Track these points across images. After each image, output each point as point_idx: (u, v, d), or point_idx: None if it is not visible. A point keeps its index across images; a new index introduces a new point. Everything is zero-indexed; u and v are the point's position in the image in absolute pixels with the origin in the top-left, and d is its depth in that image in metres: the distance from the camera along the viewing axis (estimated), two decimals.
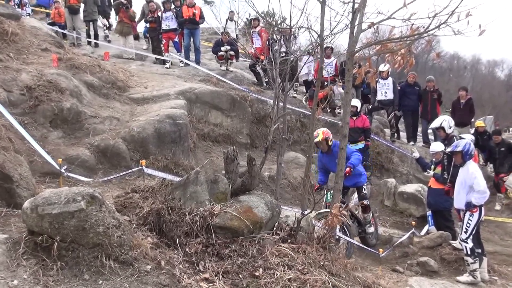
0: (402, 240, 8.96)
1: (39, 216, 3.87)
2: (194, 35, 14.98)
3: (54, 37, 12.38)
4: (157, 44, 15.75)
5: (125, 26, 15.99)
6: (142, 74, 13.30)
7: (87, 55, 12.77)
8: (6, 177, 5.23)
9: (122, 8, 15.78)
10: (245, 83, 14.08)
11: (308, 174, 6.42)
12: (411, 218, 10.65)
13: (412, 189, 11.41)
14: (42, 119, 8.59)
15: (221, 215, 4.90)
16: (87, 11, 16.34)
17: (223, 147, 11.17)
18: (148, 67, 14.70)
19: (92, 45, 16.61)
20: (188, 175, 5.33)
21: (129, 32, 16.09)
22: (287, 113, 7.38)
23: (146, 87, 11.87)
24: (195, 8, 14.69)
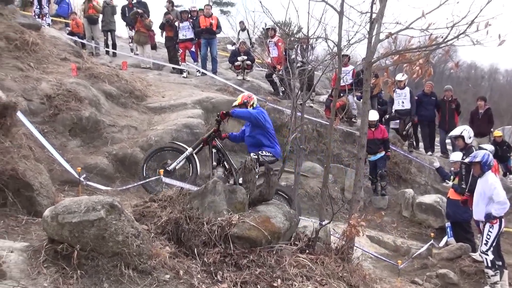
0: (421, 251, 8.87)
1: (59, 224, 3.90)
2: (211, 45, 15.09)
3: (73, 47, 12.55)
4: (174, 54, 15.88)
5: (142, 36, 16.15)
6: (159, 83, 13.41)
7: (105, 65, 12.91)
8: (27, 186, 5.28)
9: (138, 18, 15.94)
10: (261, 92, 14.11)
11: (326, 184, 6.40)
12: (429, 230, 10.53)
13: (430, 200, 11.30)
14: (61, 127, 8.70)
15: (239, 225, 4.90)
16: (105, 21, 16.63)
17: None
18: (165, 77, 14.82)
19: (110, 54, 16.83)
20: (206, 185, 5.34)
21: (146, 41, 16.24)
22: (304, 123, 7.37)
23: (163, 96, 11.96)
24: (212, 18, 14.87)
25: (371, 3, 5.93)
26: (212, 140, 7.70)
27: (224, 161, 7.70)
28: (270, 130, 7.60)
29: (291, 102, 7.24)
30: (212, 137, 7.70)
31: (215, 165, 7.63)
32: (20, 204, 5.21)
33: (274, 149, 7.54)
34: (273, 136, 7.65)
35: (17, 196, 5.20)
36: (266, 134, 7.55)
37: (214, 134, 7.71)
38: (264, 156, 7.40)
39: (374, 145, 11.47)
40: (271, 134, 7.62)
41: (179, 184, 6.71)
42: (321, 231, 5.52)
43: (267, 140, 7.54)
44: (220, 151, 7.73)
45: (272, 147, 7.55)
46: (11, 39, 9.79)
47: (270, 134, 7.60)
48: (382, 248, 9.75)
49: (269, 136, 7.58)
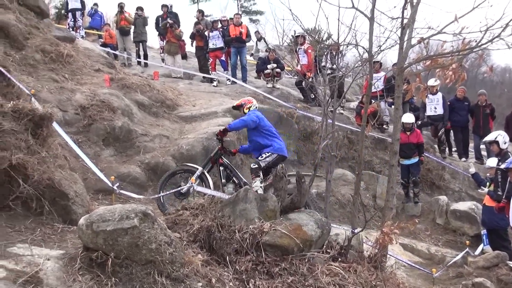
0: (456, 260, 8.67)
1: (94, 232, 3.97)
2: (241, 53, 15.15)
3: (106, 58, 12.81)
4: (204, 63, 16.01)
5: (173, 46, 16.33)
6: (190, 92, 13.53)
7: (137, 75, 13.12)
8: (62, 194, 5.39)
9: (169, 28, 16.15)
10: (291, 100, 14.07)
11: (358, 191, 6.33)
12: (464, 237, 10.29)
13: (465, 207, 11.04)
14: (95, 137, 8.87)
15: (270, 232, 4.90)
16: (137, 32, 16.88)
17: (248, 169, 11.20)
18: (195, 86, 14.95)
19: (142, 65, 17.08)
20: (238, 193, 5.36)
21: (176, 51, 16.41)
22: (335, 130, 7.31)
23: (194, 105, 12.07)
24: (241, 26, 14.93)
25: (402, 9, 5.87)
26: (218, 158, 7.74)
27: (233, 176, 7.71)
28: (264, 128, 7.55)
29: (322, 109, 7.19)
30: (218, 155, 7.74)
31: (224, 182, 7.65)
32: (56, 212, 5.32)
33: (272, 146, 7.47)
34: (270, 133, 7.59)
35: (53, 205, 5.31)
36: (261, 134, 7.51)
37: (220, 152, 7.74)
38: (263, 161, 7.37)
39: (408, 150, 11.24)
40: (268, 132, 7.57)
41: (210, 192, 6.74)
42: (353, 239, 5.46)
43: (264, 139, 7.50)
44: (228, 167, 7.75)
45: (270, 145, 7.49)
46: (46, 52, 10.06)
47: (266, 132, 7.54)
48: (416, 256, 9.57)
49: (266, 134, 7.53)
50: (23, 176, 5.04)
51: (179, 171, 7.89)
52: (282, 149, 7.59)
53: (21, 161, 4.99)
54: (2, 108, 5.35)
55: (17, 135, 5.22)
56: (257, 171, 7.29)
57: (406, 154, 11.22)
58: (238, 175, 7.74)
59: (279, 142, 7.60)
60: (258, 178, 7.26)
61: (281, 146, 7.58)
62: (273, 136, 7.60)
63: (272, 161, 7.41)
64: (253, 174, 7.33)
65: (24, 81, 8.42)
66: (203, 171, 7.57)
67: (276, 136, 7.66)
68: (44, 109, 5.79)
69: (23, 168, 5.02)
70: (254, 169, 7.31)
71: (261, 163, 7.35)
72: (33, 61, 9.68)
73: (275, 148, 7.47)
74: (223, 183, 7.62)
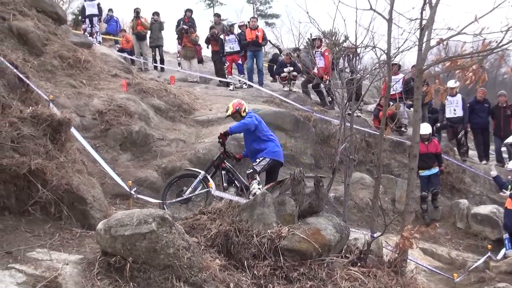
0: (478, 264, 8.55)
1: (112, 237, 3.98)
2: (257, 57, 15.18)
3: (123, 63, 12.93)
4: (220, 67, 16.06)
5: (189, 50, 16.45)
6: (206, 96, 13.57)
7: (154, 80, 13.20)
8: (80, 199, 5.43)
9: (184, 33, 16.25)
10: (308, 103, 14.04)
11: (377, 195, 6.27)
12: (486, 241, 10.13)
13: (486, 210, 10.88)
14: (112, 142, 8.94)
15: (289, 237, 4.87)
16: (153, 37, 17.03)
17: (287, 168, 11.10)
18: (212, 90, 15.00)
19: (158, 69, 17.19)
20: (255, 197, 5.35)
21: (192, 55, 16.51)
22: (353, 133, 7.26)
23: (210, 109, 12.10)
24: (257, 30, 14.99)
25: (421, 9, 5.81)
26: (221, 162, 7.73)
27: (235, 180, 7.70)
28: (261, 132, 7.52)
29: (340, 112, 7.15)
30: (221, 159, 7.73)
31: (226, 186, 7.63)
32: (74, 217, 5.35)
33: (266, 150, 7.44)
34: (266, 137, 7.55)
35: (72, 210, 5.34)
36: (257, 138, 7.50)
37: (223, 156, 7.73)
38: (258, 165, 7.36)
39: (427, 159, 11.02)
40: (264, 136, 7.54)
41: (228, 197, 6.74)
42: (373, 244, 5.40)
43: (259, 144, 7.48)
44: (230, 171, 7.73)
45: (264, 149, 7.46)
46: (64, 58, 10.19)
47: (262, 136, 7.52)
48: (436, 261, 9.45)
49: (261, 139, 7.51)
50: (42, 181, 5.08)
51: (182, 176, 7.90)
52: (277, 153, 7.55)
53: (40, 166, 5.03)
54: (21, 113, 5.41)
55: (36, 140, 5.27)
56: (252, 175, 7.30)
57: (426, 164, 11.01)
58: (240, 178, 7.72)
59: (274, 146, 7.55)
60: (254, 181, 7.27)
61: (275, 150, 7.54)
62: (268, 140, 7.57)
63: (267, 165, 7.41)
64: (249, 178, 7.34)
65: (43, 87, 8.52)
66: (205, 175, 7.57)
67: (272, 140, 7.62)
68: (62, 115, 5.84)
69: (42, 173, 5.06)
70: (249, 174, 7.33)
71: (256, 167, 7.35)
72: (51, 67, 9.82)
73: (268, 152, 7.44)
74: (225, 186, 7.61)
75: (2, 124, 5.08)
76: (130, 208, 7.07)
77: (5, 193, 4.87)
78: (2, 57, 6.47)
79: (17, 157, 4.96)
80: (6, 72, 6.23)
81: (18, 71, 6.46)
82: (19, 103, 5.80)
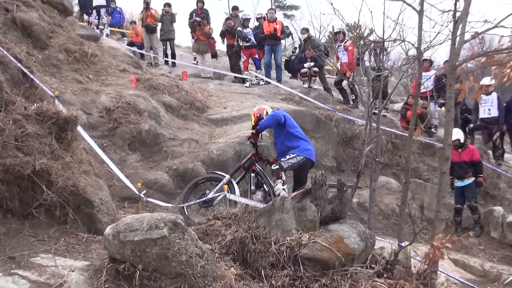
0: None
1: (121, 243, 3.99)
2: (275, 52, 15.13)
3: (132, 58, 13.02)
4: (235, 62, 16.07)
5: (202, 44, 16.47)
6: (220, 93, 13.61)
7: (164, 75, 13.27)
8: (87, 202, 5.46)
9: (197, 26, 16.27)
10: (330, 101, 14.01)
11: (406, 201, 6.22)
12: None
13: None
14: (120, 141, 8.98)
15: (309, 245, 4.85)
16: (164, 30, 17.06)
17: None
18: (226, 86, 15.02)
19: (170, 64, 17.26)
20: (274, 201, 5.34)
21: (206, 50, 16.54)
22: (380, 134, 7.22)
23: (225, 107, 12.12)
24: (276, 22, 14.90)
25: (455, 0, 5.75)
26: (252, 164, 7.74)
27: (264, 184, 7.64)
28: (291, 129, 7.44)
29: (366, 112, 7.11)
30: (252, 161, 7.74)
31: (254, 189, 7.61)
32: (81, 221, 5.39)
33: (299, 148, 7.32)
34: (296, 134, 7.46)
35: (78, 213, 5.39)
36: (289, 135, 7.40)
37: (254, 158, 7.73)
38: (286, 162, 7.24)
39: (460, 169, 10.61)
40: (294, 133, 7.44)
41: (244, 201, 6.73)
42: (400, 253, 5.35)
43: (291, 141, 7.38)
44: (259, 174, 7.71)
45: (296, 147, 7.34)
46: (70, 51, 10.28)
47: (292, 134, 7.43)
48: (468, 273, 9.35)
49: (292, 136, 7.41)
50: (47, 182, 5.12)
51: (206, 179, 7.93)
52: (310, 152, 7.45)
53: (44, 166, 5.08)
54: (25, 110, 5.47)
55: (41, 139, 5.32)
56: (278, 173, 7.21)
57: (458, 174, 10.67)
58: (269, 182, 7.66)
59: (307, 145, 7.48)
60: (279, 180, 7.19)
61: (309, 149, 7.45)
62: (301, 138, 7.49)
63: (297, 163, 7.28)
64: (274, 176, 7.26)
65: (47, 82, 8.61)
66: (230, 180, 7.57)
67: (304, 139, 7.55)
68: (68, 112, 5.88)
69: (46, 174, 5.11)
70: (275, 170, 7.23)
71: (283, 164, 7.24)
72: (57, 61, 9.91)
73: (301, 149, 7.33)
74: (253, 190, 7.59)
75: (6, 121, 5.13)
76: (139, 212, 7.10)
77: (8, 195, 4.91)
78: (5, 51, 6.55)
79: (21, 156, 5.01)
80: (9, 66, 6.31)
81: (22, 65, 6.54)
82: (23, 99, 5.87)
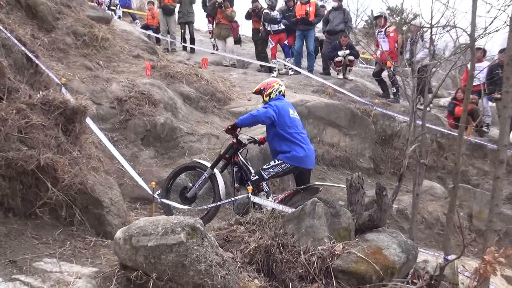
0: None
1: (133, 248, 4.02)
2: (307, 38, 15.04)
3: (146, 42, 13.09)
4: (262, 49, 16.02)
5: (223, 28, 16.43)
6: (244, 84, 13.61)
7: (182, 62, 13.31)
8: (96, 202, 5.50)
9: (218, 8, 16.22)
10: (367, 94, 13.93)
11: (454, 208, 6.14)
12: None
13: None
14: (133, 135, 9.04)
15: (343, 256, 4.83)
16: (182, 12, 17.09)
17: (340, 172, 11.09)
18: (251, 76, 15.02)
19: (188, 50, 17.31)
20: (304, 206, 5.32)
21: (227, 34, 16.51)
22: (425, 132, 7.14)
23: (249, 99, 12.13)
24: (309, 5, 14.70)
25: None
26: (233, 155, 7.40)
27: (248, 180, 7.17)
28: (282, 129, 6.93)
29: (410, 107, 7.02)
30: (234, 150, 7.39)
31: (237, 186, 7.25)
32: (88, 223, 5.44)
33: (288, 153, 6.87)
34: (288, 138, 6.92)
35: (85, 214, 5.43)
36: (276, 136, 6.98)
37: (236, 147, 7.37)
38: (268, 171, 6.93)
39: None
40: (286, 135, 6.92)
41: (269, 204, 6.69)
42: (446, 268, 5.29)
43: (279, 144, 6.96)
44: (243, 168, 7.29)
45: (285, 151, 6.89)
46: (79, 35, 10.38)
47: (283, 136, 6.93)
48: None
49: (283, 139, 6.93)
50: (52, 179, 5.17)
51: (187, 168, 7.80)
52: (302, 160, 6.93)
53: (50, 161, 5.12)
54: (30, 99, 5.52)
55: (47, 131, 5.37)
56: (258, 185, 6.92)
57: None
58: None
59: (300, 151, 6.92)
60: (262, 193, 6.95)
61: (300, 156, 6.89)
62: (294, 142, 6.94)
63: (282, 172, 6.96)
64: (255, 188, 6.86)
65: (54, 68, 8.70)
66: (212, 173, 7.29)
67: (299, 143, 6.96)
68: (77, 101, 5.93)
69: (52, 170, 5.15)
70: (254, 182, 6.93)
71: (264, 173, 6.92)
72: (64, 45, 10.02)
73: (290, 157, 6.88)
74: (236, 187, 7.23)
75: (8, 110, 5.18)
76: (152, 214, 7.14)
77: (10, 192, 4.96)
78: (8, 33, 6.62)
79: (25, 150, 5.05)
80: (12, 50, 6.38)
81: (26, 49, 6.62)
82: (27, 86, 5.93)
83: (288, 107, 7.22)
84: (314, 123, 11.45)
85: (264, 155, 9.27)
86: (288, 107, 7.22)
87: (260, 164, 8.07)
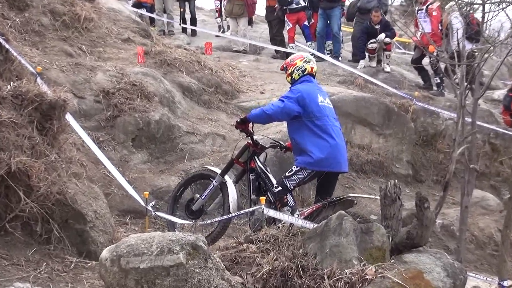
0: None
1: (122, 271, 4.02)
2: (331, 18, 14.95)
3: (138, 23, 13.13)
4: (277, 31, 15.97)
5: (236, 5, 16.18)
6: (256, 73, 13.62)
7: (181, 47, 13.30)
8: (77, 215, 5.51)
9: None
10: (405, 86, 13.88)
11: (510, 225, 6.11)
12: None
13: None
14: (122, 135, 9.04)
15: (376, 281, 4.81)
16: None
17: (372, 180, 11.05)
18: (264, 64, 15.00)
19: (188, 33, 17.32)
20: (328, 221, 5.29)
21: (241, 13, 16.33)
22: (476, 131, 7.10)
23: (262, 91, 12.13)
24: None
25: None
26: (250, 160, 7.24)
27: (268, 191, 7.03)
28: (312, 119, 6.68)
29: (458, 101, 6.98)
30: (249, 154, 7.26)
31: (254, 198, 7.03)
32: (68, 240, 5.46)
33: (310, 152, 6.62)
34: (321, 127, 6.67)
35: (65, 229, 5.45)
36: (305, 128, 6.70)
37: (253, 149, 7.22)
38: (290, 180, 6.78)
39: None
40: (314, 125, 6.67)
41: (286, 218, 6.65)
42: None
43: (303, 139, 6.73)
44: (261, 176, 7.13)
45: (306, 151, 6.67)
46: (57, 14, 10.41)
47: (313, 127, 6.67)
48: None
49: (312, 130, 6.67)
50: (25, 187, 5.19)
51: (195, 178, 7.73)
52: (326, 162, 6.68)
53: (23, 166, 5.14)
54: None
55: (19, 129, 5.38)
56: (282, 198, 6.79)
57: None
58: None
59: (324, 148, 6.65)
60: (286, 208, 6.77)
61: (323, 156, 6.63)
62: (320, 137, 6.68)
63: (308, 177, 6.80)
64: (278, 202, 6.82)
65: (27, 54, 8.73)
66: (222, 180, 7.15)
67: (326, 137, 6.69)
68: (55, 94, 5.93)
69: (25, 177, 5.18)
70: (277, 194, 6.81)
71: (288, 183, 6.78)
72: (39, 26, 10.04)
73: (311, 161, 6.65)
74: (253, 199, 7.07)
75: None
76: (145, 230, 7.14)
77: None
78: None
79: None
80: None
81: None
82: None
83: (315, 92, 6.91)
84: (340, 121, 11.19)
85: (280, 159, 9.24)
86: (315, 92, 6.91)
87: (275, 170, 8.03)
